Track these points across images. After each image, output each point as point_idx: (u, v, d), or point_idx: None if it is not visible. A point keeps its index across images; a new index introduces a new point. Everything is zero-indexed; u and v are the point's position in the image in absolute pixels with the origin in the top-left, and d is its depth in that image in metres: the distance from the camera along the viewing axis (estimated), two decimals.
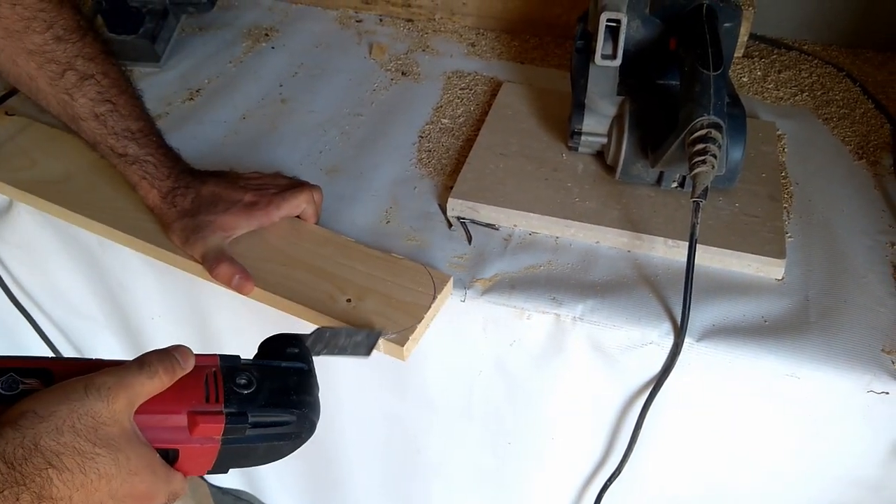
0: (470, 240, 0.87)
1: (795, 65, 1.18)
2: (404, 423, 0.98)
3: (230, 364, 0.63)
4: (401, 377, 0.92)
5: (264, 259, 0.83)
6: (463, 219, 0.89)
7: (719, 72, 0.77)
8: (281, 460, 1.15)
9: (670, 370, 0.77)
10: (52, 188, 0.93)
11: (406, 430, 1.00)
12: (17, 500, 0.49)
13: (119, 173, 0.87)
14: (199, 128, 1.06)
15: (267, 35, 1.27)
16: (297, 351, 0.67)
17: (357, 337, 0.73)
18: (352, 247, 0.85)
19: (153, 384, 0.57)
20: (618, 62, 0.85)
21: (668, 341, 0.77)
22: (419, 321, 0.76)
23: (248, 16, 1.33)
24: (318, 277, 0.82)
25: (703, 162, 0.73)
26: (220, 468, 0.62)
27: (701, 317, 0.78)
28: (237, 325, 0.96)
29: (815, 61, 1.19)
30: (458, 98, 1.11)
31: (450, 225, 0.90)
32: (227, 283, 0.81)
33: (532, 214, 0.87)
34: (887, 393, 0.73)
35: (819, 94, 1.12)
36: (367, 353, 0.73)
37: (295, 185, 0.88)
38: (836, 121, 1.06)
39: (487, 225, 0.89)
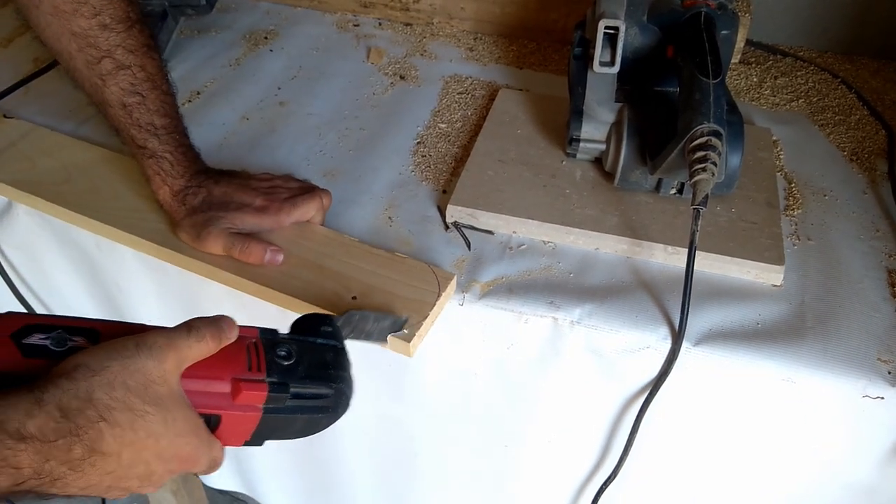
0: (469, 246, 0.87)
1: (791, 71, 1.19)
2: (401, 425, 0.99)
3: (270, 337, 0.64)
4: (398, 380, 0.92)
5: None
6: (461, 225, 0.90)
7: (718, 80, 0.77)
8: (278, 461, 1.16)
9: (667, 375, 0.77)
10: (54, 189, 0.93)
11: (403, 433, 1.00)
12: (70, 450, 0.49)
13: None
14: (198, 130, 1.05)
15: (266, 38, 1.27)
16: (330, 330, 0.68)
17: (384, 322, 0.74)
18: (356, 246, 0.86)
19: (200, 348, 0.58)
20: (616, 69, 0.85)
21: (665, 346, 0.77)
22: (425, 317, 0.77)
23: (247, 19, 1.33)
24: (323, 276, 0.82)
25: (704, 170, 0.73)
26: (257, 439, 0.63)
27: (698, 321, 0.78)
28: None
29: (811, 68, 1.19)
30: (456, 102, 1.11)
31: (446, 227, 0.90)
32: (260, 258, 0.82)
33: (531, 221, 0.87)
34: (882, 398, 0.73)
35: (815, 100, 1.12)
36: None
37: (306, 190, 0.89)
38: (831, 127, 1.07)
39: (485, 231, 0.89)
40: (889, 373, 0.74)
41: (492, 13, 1.26)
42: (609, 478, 0.88)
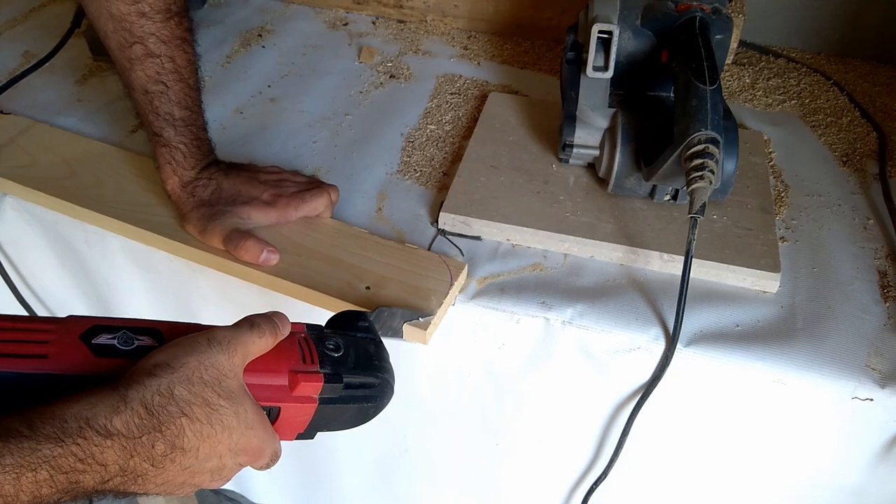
0: (462, 252, 0.87)
1: (784, 72, 1.19)
2: (393, 423, 0.99)
3: (316, 331, 0.66)
4: None
5: (280, 250, 0.84)
6: (450, 233, 0.89)
7: (715, 86, 0.76)
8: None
9: (659, 379, 0.78)
10: (58, 185, 0.93)
11: (395, 431, 1.00)
12: (153, 446, 0.51)
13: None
14: None
15: (260, 36, 1.27)
16: (366, 325, 0.71)
17: (411, 319, 0.76)
18: (366, 237, 0.87)
19: (261, 343, 0.59)
20: (609, 74, 0.85)
21: (656, 346, 0.78)
22: (440, 306, 0.78)
23: (239, 14, 1.33)
24: (335, 267, 0.83)
25: (701, 178, 0.73)
26: (312, 430, 0.65)
27: (689, 322, 0.78)
28: (225, 321, 0.96)
29: (803, 69, 1.20)
30: (447, 102, 1.11)
31: (433, 223, 0.90)
32: (256, 258, 0.82)
33: (526, 229, 0.87)
34: (871, 400, 0.74)
35: (807, 101, 1.13)
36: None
37: (314, 185, 0.90)
38: (823, 128, 1.07)
39: (473, 237, 0.89)
40: (878, 377, 0.74)
41: (485, 11, 1.26)
42: (600, 477, 0.88)
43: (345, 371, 0.63)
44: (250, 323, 0.60)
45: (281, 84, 1.16)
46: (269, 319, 0.61)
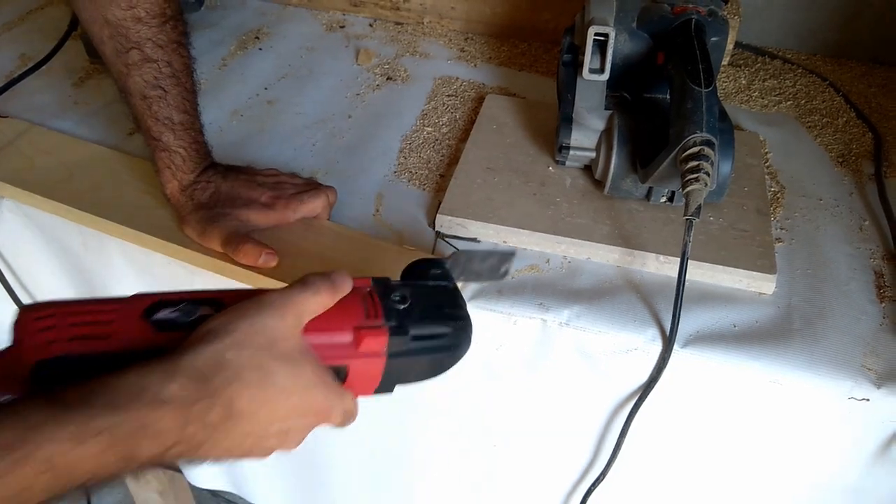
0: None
1: (780, 74, 1.19)
2: (389, 424, 0.99)
3: (382, 284, 0.65)
4: None
5: (278, 252, 0.83)
6: (447, 235, 0.89)
7: (710, 88, 0.76)
8: (266, 459, 1.16)
9: (656, 381, 0.78)
10: (56, 188, 0.93)
11: (391, 432, 1.00)
12: (208, 413, 0.51)
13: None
14: None
15: (257, 38, 1.27)
16: (440, 272, 0.69)
17: (492, 259, 0.75)
18: (363, 240, 0.87)
19: (317, 301, 0.59)
20: (606, 76, 0.85)
21: (653, 347, 0.78)
22: None
23: (236, 16, 1.33)
24: (333, 269, 0.82)
25: (697, 180, 0.73)
26: (387, 386, 0.64)
27: (685, 323, 0.78)
28: None
29: (799, 70, 1.20)
30: (444, 105, 1.11)
31: (430, 224, 0.90)
32: (255, 260, 0.82)
33: (522, 231, 0.87)
34: (868, 400, 0.74)
35: (803, 102, 1.13)
36: (503, 275, 0.75)
37: (311, 187, 0.90)
38: (819, 129, 1.08)
39: (470, 239, 0.89)
40: (874, 377, 0.74)
41: (482, 13, 1.26)
42: (598, 479, 0.88)
43: (411, 323, 0.62)
44: (303, 282, 0.60)
45: (278, 86, 1.16)
46: (327, 277, 0.61)
